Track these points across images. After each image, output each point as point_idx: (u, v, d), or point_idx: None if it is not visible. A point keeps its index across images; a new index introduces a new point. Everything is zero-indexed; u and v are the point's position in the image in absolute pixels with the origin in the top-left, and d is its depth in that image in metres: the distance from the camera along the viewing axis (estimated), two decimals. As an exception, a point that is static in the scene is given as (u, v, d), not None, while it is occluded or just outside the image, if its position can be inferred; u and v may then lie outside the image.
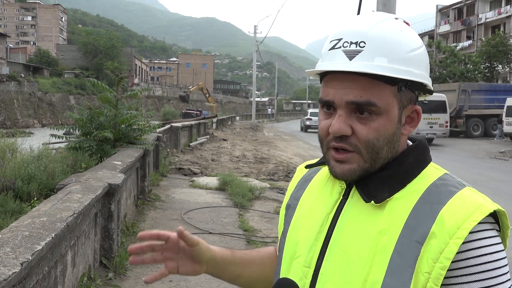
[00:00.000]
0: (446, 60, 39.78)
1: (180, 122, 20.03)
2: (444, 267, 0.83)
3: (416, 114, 0.99)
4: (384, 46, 0.91)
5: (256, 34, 42.13)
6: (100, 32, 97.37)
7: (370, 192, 0.94)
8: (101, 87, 7.64)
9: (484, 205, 0.87)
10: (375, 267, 0.88)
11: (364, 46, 0.91)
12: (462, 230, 0.84)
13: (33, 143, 9.75)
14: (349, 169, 0.94)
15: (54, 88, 53.54)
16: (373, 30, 0.92)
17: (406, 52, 0.93)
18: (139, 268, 4.89)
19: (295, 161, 16.13)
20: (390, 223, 0.90)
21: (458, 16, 55.30)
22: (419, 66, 0.95)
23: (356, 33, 0.93)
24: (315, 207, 1.04)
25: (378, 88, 0.91)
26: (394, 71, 0.91)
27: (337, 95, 0.93)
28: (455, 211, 0.86)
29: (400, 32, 0.95)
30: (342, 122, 0.92)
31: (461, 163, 16.05)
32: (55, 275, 3.00)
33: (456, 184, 0.92)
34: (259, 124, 46.19)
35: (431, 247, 0.84)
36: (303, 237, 1.01)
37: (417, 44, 0.96)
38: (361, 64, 0.90)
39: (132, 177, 7.08)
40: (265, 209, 8.18)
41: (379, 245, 0.89)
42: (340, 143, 0.93)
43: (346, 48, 0.93)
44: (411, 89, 0.96)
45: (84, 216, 3.65)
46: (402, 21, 0.98)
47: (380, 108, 0.91)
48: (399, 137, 0.96)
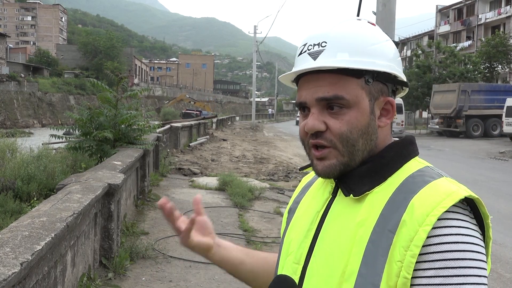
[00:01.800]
0: (446, 61, 39.76)
1: (180, 122, 20.03)
2: (414, 254, 0.82)
3: (390, 105, 1.00)
4: (345, 41, 0.95)
5: (256, 34, 42.18)
6: (100, 32, 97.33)
7: (350, 186, 0.96)
8: (101, 87, 7.64)
9: (456, 192, 0.86)
10: (352, 258, 0.89)
11: (325, 45, 0.95)
12: (431, 216, 0.83)
13: (33, 143, 9.75)
14: (329, 165, 0.96)
15: (54, 88, 53.53)
16: (334, 30, 0.97)
17: (368, 45, 0.96)
18: (138, 268, 4.89)
19: (295, 161, 16.13)
20: (367, 215, 0.91)
21: (458, 17, 55.30)
22: (384, 58, 0.97)
23: (318, 35, 0.98)
24: (309, 207, 1.06)
25: (345, 82, 0.94)
26: (356, 63, 0.93)
27: (308, 95, 0.97)
28: (425, 198, 0.86)
29: (361, 29, 0.97)
30: (315, 119, 0.95)
31: (461, 164, 16.05)
32: (55, 275, 3.00)
33: (433, 175, 0.92)
34: (259, 124, 46.20)
35: (402, 235, 0.84)
36: (295, 236, 1.04)
37: (381, 38, 0.99)
38: (324, 61, 0.94)
39: (132, 177, 7.08)
40: (265, 209, 8.18)
41: (357, 237, 0.90)
42: (317, 139, 0.96)
43: (310, 50, 0.97)
44: (380, 81, 0.97)
45: (84, 216, 3.65)
46: (365, 21, 1.00)
47: (349, 101, 0.93)
48: (375, 129, 0.97)
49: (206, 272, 4.93)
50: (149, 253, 5.25)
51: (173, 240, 6.03)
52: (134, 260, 5.03)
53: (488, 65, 39.36)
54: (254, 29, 41.83)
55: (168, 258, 5.27)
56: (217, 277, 4.80)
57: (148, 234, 6.11)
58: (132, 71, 79.29)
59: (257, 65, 48.83)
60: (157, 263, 5.10)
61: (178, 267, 5.03)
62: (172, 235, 6.20)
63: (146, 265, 5.00)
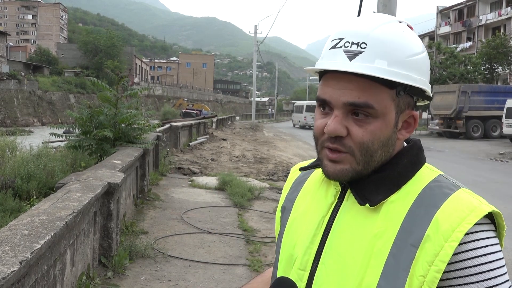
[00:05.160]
0: (446, 61, 39.73)
1: (180, 122, 20.02)
2: (439, 270, 0.82)
3: (413, 119, 0.98)
4: (385, 48, 0.90)
5: (257, 34, 42.16)
6: (100, 31, 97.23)
7: (365, 195, 0.93)
8: (101, 86, 7.64)
9: (479, 207, 0.87)
10: (370, 270, 0.87)
11: (365, 48, 0.90)
12: (457, 232, 0.83)
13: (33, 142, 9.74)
14: (342, 169, 0.93)
15: (54, 87, 53.51)
16: (375, 32, 0.91)
17: (406, 56, 0.92)
18: (138, 267, 4.89)
19: (294, 161, 16.12)
20: (386, 227, 0.89)
21: (458, 17, 55.28)
22: (419, 71, 0.94)
23: (358, 33, 0.92)
24: (310, 209, 1.03)
25: (376, 91, 0.90)
26: (393, 75, 0.90)
27: (334, 95, 0.92)
28: (450, 213, 0.85)
29: (402, 36, 0.93)
30: (338, 122, 0.91)
31: (461, 165, 16.05)
32: (54, 274, 3.00)
33: (450, 186, 0.91)
34: (259, 124, 46.17)
35: (426, 250, 0.84)
36: (298, 240, 1.01)
37: (419, 49, 0.95)
38: (361, 65, 0.89)
39: (132, 176, 7.08)
40: (264, 209, 8.18)
41: (375, 249, 0.88)
42: (335, 144, 0.93)
43: (347, 48, 0.91)
44: (410, 94, 0.95)
45: (83, 215, 3.65)
46: (405, 25, 0.97)
47: (377, 111, 0.90)
48: (395, 141, 0.95)
49: (205, 271, 4.93)
50: (149, 252, 5.25)
51: (173, 239, 6.03)
52: (133, 259, 5.03)
53: (489, 66, 39.34)
54: (255, 29, 41.82)
55: (168, 258, 5.27)
56: (216, 276, 4.80)
57: (147, 233, 6.11)
58: (132, 70, 79.26)
59: (257, 65, 48.82)
60: (156, 262, 5.10)
61: (177, 267, 5.03)
62: (171, 235, 6.21)
63: (145, 264, 5.00)
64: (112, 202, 4.66)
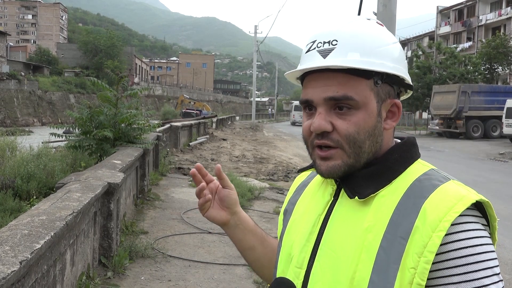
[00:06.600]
0: (446, 61, 39.75)
1: (180, 122, 20.02)
2: (428, 261, 0.82)
3: (396, 108, 0.99)
4: (356, 41, 0.93)
5: (257, 34, 42.20)
6: (100, 31, 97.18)
7: (355, 188, 0.95)
8: (101, 86, 7.63)
9: (467, 196, 0.86)
10: (362, 264, 0.87)
11: (336, 44, 0.93)
12: (444, 222, 0.83)
13: (33, 142, 9.74)
14: (334, 165, 0.95)
15: (54, 87, 53.50)
16: (344, 29, 0.95)
17: (378, 46, 0.95)
18: (138, 267, 4.89)
19: (294, 161, 16.13)
20: (376, 220, 0.90)
21: (458, 18, 55.29)
22: (393, 60, 0.96)
23: (328, 33, 0.96)
24: (308, 209, 1.04)
25: (354, 83, 0.93)
26: (367, 64, 0.92)
27: (315, 93, 0.95)
28: (437, 203, 0.85)
29: (371, 29, 0.97)
30: (322, 119, 0.94)
31: (461, 165, 16.05)
32: (54, 274, 3.00)
33: (440, 178, 0.91)
34: (259, 124, 46.18)
35: (416, 241, 0.84)
36: (296, 239, 1.02)
37: (390, 39, 0.98)
38: (334, 60, 0.92)
39: (132, 176, 7.08)
40: (264, 209, 8.18)
41: (365, 242, 0.88)
42: (322, 139, 0.95)
43: (320, 48, 0.95)
44: (388, 84, 0.97)
45: (83, 215, 3.65)
46: (374, 21, 0.99)
47: (358, 102, 0.92)
48: (381, 131, 0.97)
49: (205, 271, 4.93)
50: (148, 252, 5.25)
51: (173, 239, 6.03)
52: (133, 259, 5.03)
53: (488, 66, 39.36)
54: (255, 29, 41.84)
55: (167, 258, 5.27)
56: (216, 276, 4.80)
57: (147, 233, 6.11)
58: (132, 70, 79.25)
59: (257, 65, 48.84)
60: (156, 262, 5.10)
61: (177, 267, 5.03)
62: (171, 235, 6.21)
63: (145, 264, 5.00)
64: (112, 202, 4.66)
